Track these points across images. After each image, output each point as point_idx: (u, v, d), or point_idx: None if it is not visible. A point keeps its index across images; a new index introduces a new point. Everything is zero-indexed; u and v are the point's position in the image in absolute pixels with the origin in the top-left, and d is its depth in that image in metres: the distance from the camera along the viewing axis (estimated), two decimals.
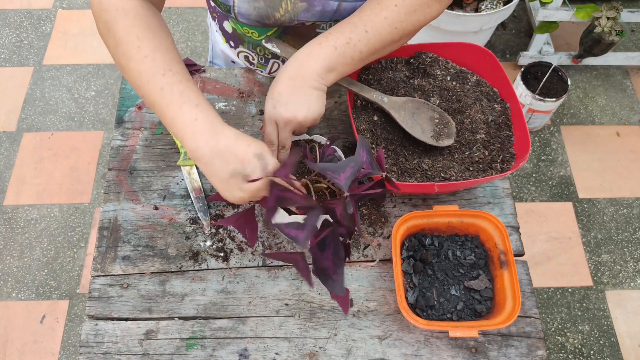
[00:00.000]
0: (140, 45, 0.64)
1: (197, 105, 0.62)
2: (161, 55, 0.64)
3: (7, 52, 2.17)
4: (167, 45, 0.66)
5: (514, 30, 2.27)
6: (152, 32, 0.65)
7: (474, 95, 0.87)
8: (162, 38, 0.66)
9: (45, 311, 1.64)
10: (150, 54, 0.64)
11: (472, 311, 0.76)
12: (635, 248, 1.77)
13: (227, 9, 0.78)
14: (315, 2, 0.75)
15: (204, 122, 0.62)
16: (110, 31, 0.66)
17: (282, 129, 0.70)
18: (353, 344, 0.75)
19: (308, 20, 0.79)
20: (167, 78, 0.63)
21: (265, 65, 0.93)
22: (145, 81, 0.64)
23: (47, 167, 1.89)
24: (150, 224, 0.84)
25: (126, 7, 0.65)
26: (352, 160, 0.58)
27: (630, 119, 2.04)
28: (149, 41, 0.64)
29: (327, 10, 0.77)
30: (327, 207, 0.58)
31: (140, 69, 0.64)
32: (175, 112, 0.63)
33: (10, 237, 1.76)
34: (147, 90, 0.64)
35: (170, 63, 0.64)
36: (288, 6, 0.75)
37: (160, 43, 0.65)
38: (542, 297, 1.68)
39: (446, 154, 0.83)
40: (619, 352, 1.59)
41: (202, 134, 0.61)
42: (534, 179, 1.90)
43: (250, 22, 0.79)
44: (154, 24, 0.67)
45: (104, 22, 0.66)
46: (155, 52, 0.64)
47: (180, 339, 0.75)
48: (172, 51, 0.66)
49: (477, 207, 0.86)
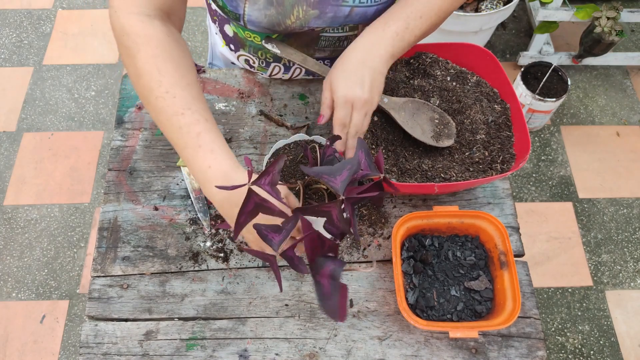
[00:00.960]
0: (161, 80, 0.61)
1: (212, 151, 0.60)
2: (181, 92, 0.61)
3: (7, 52, 2.17)
4: (189, 79, 0.64)
5: (514, 30, 2.27)
6: (174, 65, 0.63)
7: (474, 96, 0.87)
8: (185, 71, 0.64)
9: (45, 311, 1.64)
10: (170, 89, 0.61)
11: (472, 312, 0.76)
12: (635, 248, 1.77)
13: (236, 17, 0.78)
14: (327, 8, 0.76)
15: (217, 170, 0.60)
16: (131, 59, 0.63)
17: (358, 111, 0.70)
18: (353, 345, 0.75)
19: (319, 27, 0.79)
20: (185, 118, 0.61)
21: (266, 68, 0.93)
22: (164, 119, 0.62)
23: (47, 167, 1.89)
24: (150, 224, 0.84)
25: (148, 34, 0.63)
26: (349, 163, 0.58)
27: (630, 119, 2.04)
28: (170, 76, 0.62)
29: (339, 16, 0.77)
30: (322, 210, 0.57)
31: (160, 105, 0.62)
32: (192, 155, 0.61)
33: (10, 237, 1.76)
34: (167, 128, 0.62)
35: (191, 101, 0.62)
36: (300, 13, 0.75)
37: (182, 77, 0.62)
38: (542, 297, 1.68)
39: (446, 155, 0.83)
40: (619, 352, 1.59)
41: (215, 182, 0.60)
42: (534, 179, 1.90)
43: (259, 30, 0.79)
44: (176, 54, 0.64)
45: (126, 47, 0.64)
46: (176, 87, 0.61)
47: (180, 340, 0.75)
48: (193, 86, 0.64)
49: (477, 207, 0.86)
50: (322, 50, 0.87)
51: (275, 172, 0.56)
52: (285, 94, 0.96)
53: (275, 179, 0.56)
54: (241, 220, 0.55)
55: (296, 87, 0.97)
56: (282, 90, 0.96)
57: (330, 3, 0.75)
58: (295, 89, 0.96)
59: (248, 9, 0.75)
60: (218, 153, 0.61)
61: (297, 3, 0.74)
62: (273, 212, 0.56)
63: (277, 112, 0.94)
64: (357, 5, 0.76)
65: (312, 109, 0.94)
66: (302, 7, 0.75)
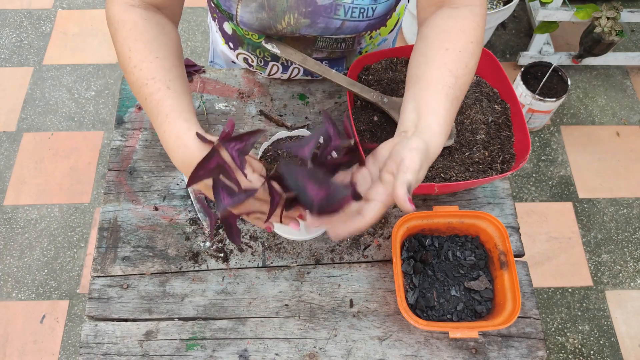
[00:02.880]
0: (130, 56, 0.64)
1: (167, 116, 0.61)
2: (148, 65, 0.63)
3: (7, 52, 2.17)
4: (159, 54, 0.65)
5: (514, 30, 2.27)
6: (144, 42, 0.65)
7: (474, 96, 0.87)
8: (155, 47, 0.65)
9: (45, 311, 1.64)
10: (138, 64, 0.63)
11: (472, 312, 0.76)
12: (635, 248, 1.77)
13: (230, 16, 0.79)
14: (319, 19, 0.76)
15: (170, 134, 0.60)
16: (113, 43, 0.68)
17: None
18: (353, 345, 0.75)
19: (310, 35, 0.80)
20: (149, 87, 0.62)
21: (265, 67, 0.93)
22: (135, 92, 0.65)
23: (47, 167, 1.89)
24: (150, 224, 0.84)
25: (124, 19, 0.66)
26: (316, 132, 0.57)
27: (630, 119, 2.04)
28: (139, 52, 0.64)
29: (330, 27, 0.78)
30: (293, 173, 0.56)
31: (130, 80, 0.64)
32: (155, 123, 0.62)
33: (10, 237, 1.76)
34: (140, 101, 0.65)
35: (155, 72, 0.63)
36: (291, 20, 0.76)
37: (150, 52, 0.64)
38: (542, 297, 1.68)
39: (446, 155, 0.83)
40: (619, 352, 1.59)
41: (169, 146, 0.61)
42: (534, 179, 1.90)
43: (252, 30, 0.80)
44: (150, 34, 0.66)
45: (111, 34, 0.68)
46: (143, 62, 0.63)
47: (180, 340, 0.75)
48: (163, 59, 0.65)
49: (477, 207, 0.86)
50: (320, 51, 0.87)
51: (249, 142, 0.55)
52: (285, 94, 0.96)
53: (247, 149, 0.55)
54: (200, 174, 0.55)
55: (296, 87, 0.97)
56: (282, 90, 0.96)
57: (322, 15, 0.76)
58: (295, 89, 0.96)
59: (241, 10, 0.76)
60: (172, 117, 0.61)
61: (289, 10, 0.75)
62: (230, 179, 0.55)
63: (277, 112, 0.94)
64: (348, 19, 0.76)
65: (312, 109, 0.94)
66: (293, 14, 0.75)
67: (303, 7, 0.74)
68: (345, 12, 0.76)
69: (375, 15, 0.77)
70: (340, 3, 0.75)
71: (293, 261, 0.81)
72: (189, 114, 0.61)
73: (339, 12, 0.76)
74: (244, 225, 0.84)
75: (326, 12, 0.75)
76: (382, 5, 0.77)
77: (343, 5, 0.75)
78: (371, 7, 0.76)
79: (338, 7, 0.75)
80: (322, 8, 0.75)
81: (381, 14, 0.78)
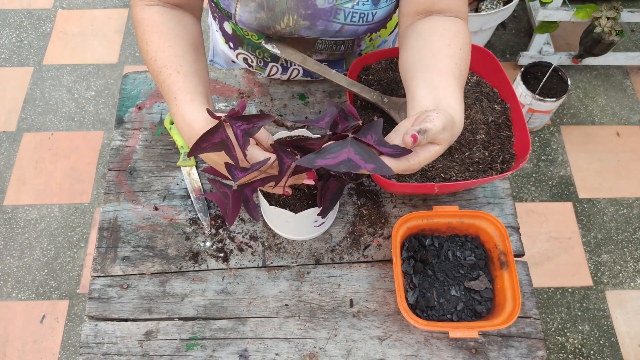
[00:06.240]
0: (147, 49, 0.68)
1: (176, 99, 0.64)
2: (162, 54, 0.67)
3: (7, 52, 2.17)
4: (173, 43, 0.68)
5: (514, 30, 2.27)
6: (159, 34, 0.68)
7: (474, 96, 0.87)
8: (168, 36, 0.68)
9: (45, 311, 1.64)
10: (153, 55, 0.67)
11: (472, 312, 0.76)
12: (635, 248, 1.77)
13: (228, 15, 0.79)
14: (318, 22, 0.76)
15: (177, 114, 0.63)
16: (137, 41, 0.72)
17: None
18: (353, 345, 0.75)
19: (309, 36, 0.80)
20: (162, 74, 0.66)
21: (264, 68, 0.93)
22: (155, 81, 0.69)
23: (47, 167, 1.89)
24: (150, 224, 0.84)
25: (142, 17, 0.70)
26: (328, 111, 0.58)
27: (630, 119, 2.04)
28: (155, 44, 0.68)
29: (329, 30, 0.78)
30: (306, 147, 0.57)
31: (150, 70, 0.69)
32: (169, 106, 0.66)
33: (10, 237, 1.76)
34: (159, 89, 0.68)
35: (168, 59, 0.66)
36: (290, 22, 0.76)
37: (164, 42, 0.67)
38: (542, 297, 1.68)
39: (446, 155, 0.83)
40: (619, 352, 1.59)
41: (178, 125, 0.64)
42: (534, 179, 1.90)
43: (250, 30, 0.80)
44: (165, 26, 0.69)
45: (135, 33, 0.73)
46: (158, 52, 0.67)
47: (180, 340, 0.75)
48: (175, 46, 0.67)
49: (477, 207, 0.86)
50: (319, 53, 0.87)
51: (257, 124, 0.56)
52: (285, 94, 0.96)
53: (252, 131, 0.56)
54: (202, 146, 0.56)
55: (296, 87, 0.97)
56: (282, 90, 0.96)
57: (322, 17, 0.75)
58: (295, 89, 0.96)
59: (239, 9, 0.76)
60: (180, 99, 0.63)
61: (288, 12, 0.75)
62: (231, 156, 0.56)
63: (277, 112, 0.94)
64: (348, 23, 0.76)
65: (312, 109, 0.94)
66: (292, 16, 0.75)
67: (303, 9, 0.74)
68: (345, 17, 0.76)
69: (375, 20, 0.77)
70: (341, 7, 0.74)
71: (293, 261, 0.81)
72: (195, 94, 0.63)
73: (339, 16, 0.76)
74: (244, 225, 0.84)
75: (326, 15, 0.75)
76: (382, 10, 0.77)
77: (343, 10, 0.75)
78: (371, 12, 0.76)
79: (338, 11, 0.75)
80: (321, 11, 0.75)
81: (381, 18, 0.78)
